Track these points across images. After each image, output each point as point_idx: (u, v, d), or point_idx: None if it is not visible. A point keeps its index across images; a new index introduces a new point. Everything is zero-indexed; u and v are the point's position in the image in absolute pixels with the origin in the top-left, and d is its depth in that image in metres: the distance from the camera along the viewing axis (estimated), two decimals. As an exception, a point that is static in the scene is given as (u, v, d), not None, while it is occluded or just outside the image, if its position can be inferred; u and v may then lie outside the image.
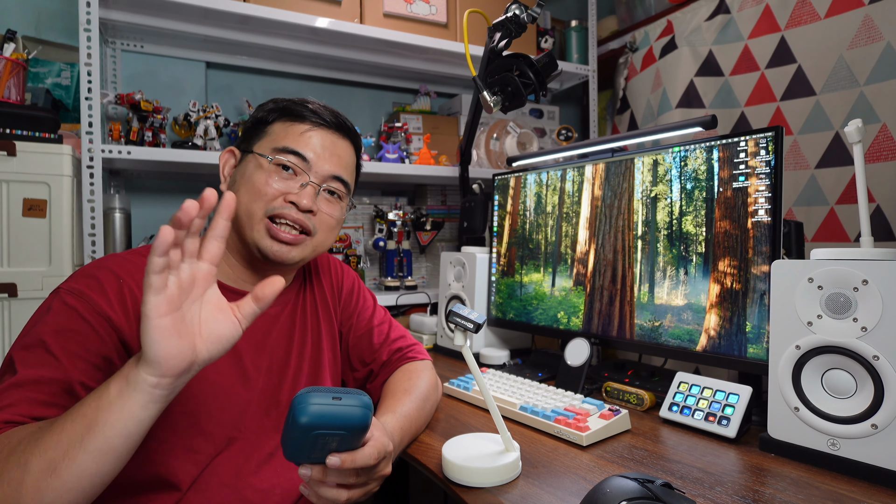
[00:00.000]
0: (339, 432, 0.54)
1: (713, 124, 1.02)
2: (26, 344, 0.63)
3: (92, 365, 0.64)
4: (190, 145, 1.42)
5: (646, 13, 1.95)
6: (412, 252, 1.78)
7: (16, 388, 0.59)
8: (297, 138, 0.79)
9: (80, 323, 0.65)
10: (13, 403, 0.58)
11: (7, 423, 0.57)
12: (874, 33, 1.26)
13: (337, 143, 0.82)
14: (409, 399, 0.83)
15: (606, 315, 1.11)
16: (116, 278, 0.70)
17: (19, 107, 1.16)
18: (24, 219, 1.10)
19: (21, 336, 0.65)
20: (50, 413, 0.59)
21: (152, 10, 1.42)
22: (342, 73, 1.86)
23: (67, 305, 0.65)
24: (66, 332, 0.64)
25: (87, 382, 0.62)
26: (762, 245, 0.87)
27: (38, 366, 0.61)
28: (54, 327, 0.64)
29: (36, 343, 0.63)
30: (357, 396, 0.55)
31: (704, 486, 0.67)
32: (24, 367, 0.61)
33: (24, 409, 0.58)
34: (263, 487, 0.76)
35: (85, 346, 0.64)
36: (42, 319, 0.65)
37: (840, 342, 0.70)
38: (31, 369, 0.61)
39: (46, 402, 0.60)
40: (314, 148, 0.79)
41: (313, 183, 0.78)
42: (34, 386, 0.60)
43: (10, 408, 0.58)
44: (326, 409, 0.52)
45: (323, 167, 0.79)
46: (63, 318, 0.65)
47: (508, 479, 0.69)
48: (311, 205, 0.77)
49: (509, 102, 1.23)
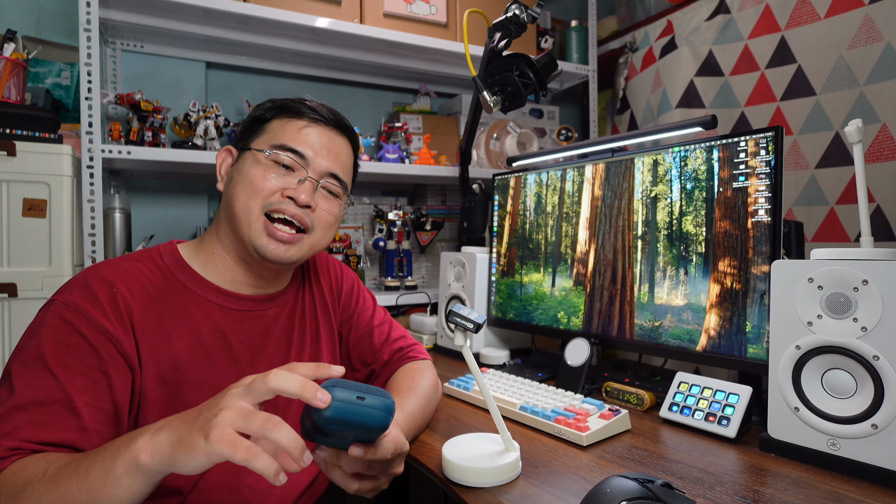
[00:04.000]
0: (358, 430, 0.54)
1: (713, 124, 1.02)
2: (24, 360, 0.63)
3: (91, 380, 0.64)
4: (190, 145, 1.42)
5: (646, 13, 1.95)
6: (412, 252, 1.78)
7: (17, 410, 0.59)
8: (294, 135, 0.78)
9: (76, 338, 0.64)
10: (17, 428, 0.58)
11: (13, 450, 0.57)
12: (874, 33, 1.26)
13: (334, 140, 0.82)
14: (413, 397, 0.83)
15: (606, 315, 1.10)
16: (110, 286, 0.69)
17: (19, 107, 1.16)
18: (24, 219, 1.10)
19: (18, 350, 0.65)
20: (54, 435, 0.59)
21: (152, 10, 1.42)
22: (342, 73, 1.86)
23: (63, 320, 0.65)
24: (63, 347, 0.64)
25: (87, 399, 0.62)
26: (762, 245, 0.87)
27: (38, 385, 0.61)
28: (51, 343, 0.63)
29: (34, 359, 0.63)
30: (381, 398, 0.54)
31: (704, 486, 0.67)
32: (23, 387, 0.61)
33: (28, 432, 0.58)
34: (261, 487, 0.76)
35: (83, 360, 0.64)
36: (38, 333, 0.65)
37: (840, 342, 0.70)
38: (30, 389, 0.61)
39: (49, 423, 0.60)
40: (312, 144, 0.79)
41: (311, 178, 0.78)
42: (35, 408, 0.60)
43: (14, 433, 0.58)
44: (349, 408, 0.51)
45: (321, 163, 0.79)
46: (60, 333, 0.64)
47: (508, 479, 0.69)
48: (310, 200, 0.77)
49: (509, 102, 1.23)
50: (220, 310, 0.77)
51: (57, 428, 0.60)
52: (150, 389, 0.69)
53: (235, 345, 0.77)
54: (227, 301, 0.78)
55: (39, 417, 0.59)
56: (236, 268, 0.80)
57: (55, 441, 0.59)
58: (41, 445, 0.58)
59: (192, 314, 0.75)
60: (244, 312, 0.80)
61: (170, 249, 0.79)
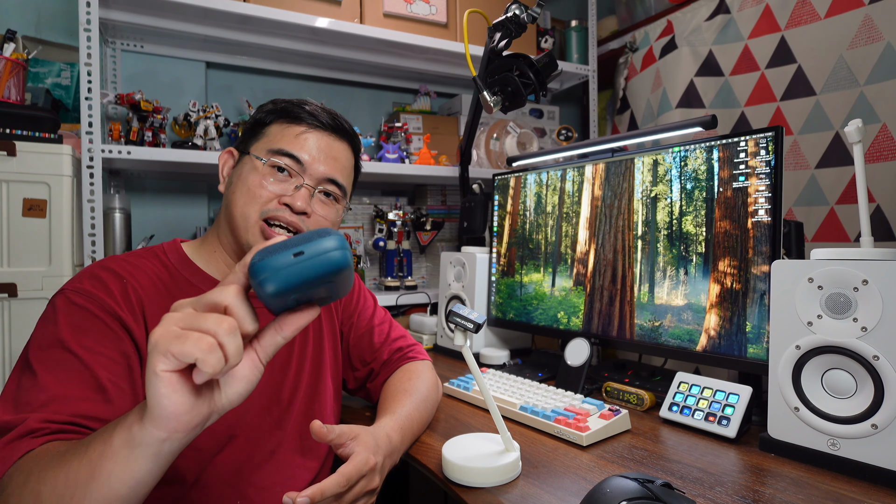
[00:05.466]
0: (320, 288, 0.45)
1: (713, 124, 1.02)
2: (42, 346, 0.62)
3: (111, 359, 0.63)
4: (190, 145, 1.42)
5: (646, 13, 1.95)
6: (412, 252, 1.78)
7: (42, 390, 0.58)
8: (292, 140, 0.78)
9: (93, 321, 0.64)
10: (45, 404, 0.56)
11: (46, 422, 0.54)
12: (874, 33, 1.26)
13: (333, 146, 0.82)
14: (409, 400, 0.83)
15: (606, 315, 1.10)
16: (120, 278, 0.70)
17: (19, 107, 1.16)
18: (24, 219, 1.10)
19: (34, 339, 0.64)
20: (83, 407, 0.57)
21: (152, 10, 1.42)
22: (342, 73, 1.86)
23: (76, 305, 0.65)
24: (81, 330, 0.63)
25: (110, 376, 0.62)
26: (762, 245, 0.87)
27: (60, 365, 0.60)
28: (69, 327, 0.63)
29: (52, 344, 0.62)
30: (320, 241, 0.43)
31: (704, 486, 0.67)
32: (45, 371, 0.59)
33: (57, 406, 0.56)
34: (264, 485, 0.76)
35: (101, 342, 0.64)
36: (53, 320, 0.64)
37: (840, 342, 0.70)
38: (53, 371, 0.59)
39: (77, 397, 0.58)
40: (310, 150, 0.79)
41: (307, 185, 0.78)
42: (61, 385, 0.58)
43: (44, 408, 0.55)
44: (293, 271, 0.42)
45: (318, 169, 0.79)
46: (76, 317, 0.64)
47: (508, 479, 0.69)
48: (306, 207, 0.77)
49: (509, 102, 1.23)
50: None
51: (85, 402, 0.58)
52: None
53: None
54: None
55: (67, 392, 0.58)
56: None
57: (86, 413, 0.58)
58: (74, 418, 0.56)
59: None
60: None
61: (174, 247, 0.80)
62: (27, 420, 0.54)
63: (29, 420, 0.54)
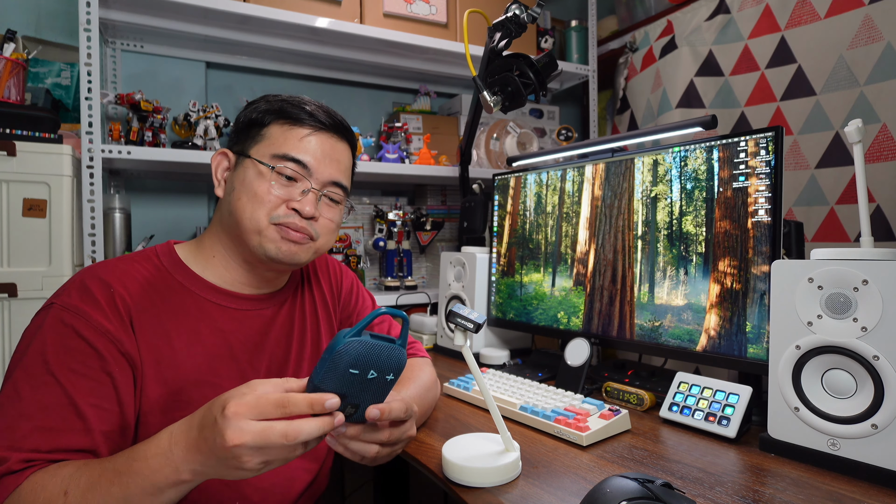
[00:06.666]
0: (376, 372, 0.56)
1: (713, 124, 1.02)
2: (26, 365, 0.63)
3: (95, 381, 0.64)
4: (190, 145, 1.42)
5: (646, 13, 1.95)
6: (412, 252, 1.78)
7: (24, 418, 0.60)
8: (296, 144, 0.77)
9: (77, 341, 0.65)
10: (26, 436, 0.59)
11: (26, 462, 0.57)
12: (874, 33, 1.26)
13: (336, 147, 0.81)
14: (413, 386, 0.85)
15: (606, 315, 1.10)
16: (107, 287, 0.69)
17: (19, 107, 1.16)
18: (24, 219, 1.10)
19: (19, 355, 0.65)
20: (63, 440, 0.60)
21: (152, 10, 1.42)
22: (342, 73, 1.86)
23: (63, 323, 0.65)
24: (65, 351, 0.64)
25: (92, 400, 0.63)
26: (762, 245, 0.87)
27: (42, 389, 0.61)
28: (53, 347, 0.64)
29: (36, 364, 0.63)
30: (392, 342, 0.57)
31: (704, 486, 0.67)
32: (27, 393, 0.61)
33: (38, 440, 0.59)
34: (263, 486, 0.76)
35: (85, 363, 0.64)
36: (39, 338, 0.65)
37: (840, 342, 0.70)
38: (35, 395, 0.61)
39: (57, 428, 0.60)
40: (314, 153, 0.78)
41: (314, 189, 0.78)
42: (41, 414, 0.60)
43: (24, 442, 0.58)
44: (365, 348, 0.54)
45: (323, 173, 0.78)
46: (61, 336, 0.65)
47: (508, 479, 0.69)
48: (314, 211, 0.77)
49: (509, 102, 1.23)
50: (218, 309, 0.77)
51: (65, 433, 0.60)
52: (151, 388, 0.69)
53: (235, 343, 0.78)
54: (225, 300, 0.79)
55: (46, 423, 0.60)
56: (238, 269, 0.80)
57: (65, 447, 0.60)
58: (52, 454, 0.59)
59: (191, 313, 0.75)
60: (243, 311, 0.80)
61: (167, 250, 0.79)
62: (9, 461, 0.57)
63: (10, 462, 0.57)
